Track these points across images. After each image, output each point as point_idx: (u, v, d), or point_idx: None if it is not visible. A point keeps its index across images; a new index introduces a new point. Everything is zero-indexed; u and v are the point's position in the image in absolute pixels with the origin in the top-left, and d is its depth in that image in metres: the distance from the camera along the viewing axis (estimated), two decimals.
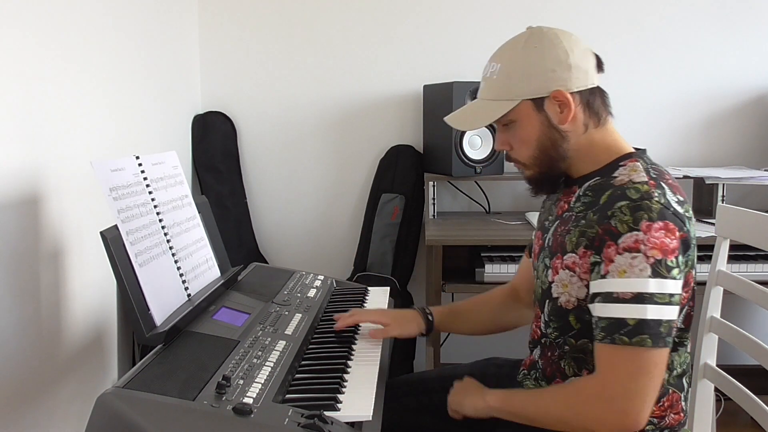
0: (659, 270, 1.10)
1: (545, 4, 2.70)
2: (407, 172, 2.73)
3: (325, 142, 2.82)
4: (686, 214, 1.18)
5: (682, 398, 1.28)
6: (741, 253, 2.27)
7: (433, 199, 2.63)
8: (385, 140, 2.79)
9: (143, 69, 2.13)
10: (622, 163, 1.24)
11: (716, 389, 1.50)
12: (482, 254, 2.37)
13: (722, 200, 2.44)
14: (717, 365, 1.49)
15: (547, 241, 1.32)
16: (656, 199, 1.14)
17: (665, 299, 1.11)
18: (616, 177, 1.22)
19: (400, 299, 2.68)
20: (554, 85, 1.22)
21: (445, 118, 1.37)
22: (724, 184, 2.43)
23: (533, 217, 2.49)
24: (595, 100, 1.26)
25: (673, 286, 1.12)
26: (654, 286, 1.10)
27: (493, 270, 2.27)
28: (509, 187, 2.81)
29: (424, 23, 2.74)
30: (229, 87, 2.79)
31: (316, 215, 2.86)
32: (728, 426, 2.43)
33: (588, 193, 1.25)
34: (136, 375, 1.08)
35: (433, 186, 2.62)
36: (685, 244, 1.14)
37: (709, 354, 1.51)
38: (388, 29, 2.75)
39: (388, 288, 1.84)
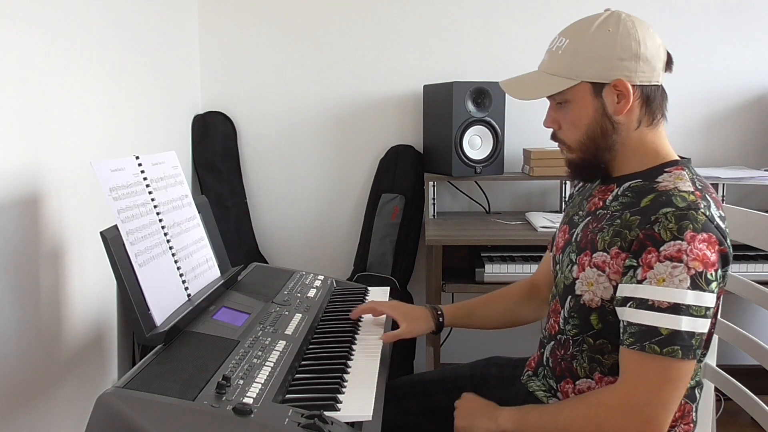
0: (699, 282, 1.09)
1: (545, 5, 2.69)
2: (407, 172, 2.72)
3: (325, 142, 2.82)
4: (726, 230, 1.16)
5: (694, 409, 1.27)
6: (741, 253, 2.27)
7: (433, 199, 2.63)
8: (385, 140, 2.80)
9: (143, 69, 2.13)
10: (667, 170, 1.21)
11: (716, 389, 1.50)
12: (482, 254, 2.38)
13: (722, 200, 2.44)
14: (717, 365, 1.49)
15: (574, 236, 1.29)
16: (702, 210, 1.12)
17: (701, 312, 1.09)
18: (659, 182, 1.19)
19: (400, 299, 2.68)
20: (618, 74, 1.19)
21: (501, 83, 1.33)
22: (724, 184, 2.44)
23: (533, 217, 2.49)
24: (655, 99, 1.23)
25: (710, 300, 1.10)
26: (692, 297, 1.08)
27: (493, 270, 2.27)
28: (509, 187, 2.81)
29: (424, 23, 2.74)
30: (229, 87, 2.79)
31: (316, 215, 2.86)
32: (728, 426, 2.43)
33: (627, 193, 1.22)
34: (136, 375, 1.07)
35: (433, 186, 2.62)
36: (724, 259, 1.13)
37: (709, 354, 1.51)
38: (388, 29, 2.75)
39: (388, 288, 1.84)
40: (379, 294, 1.78)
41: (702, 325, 1.10)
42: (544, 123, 1.31)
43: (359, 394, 1.17)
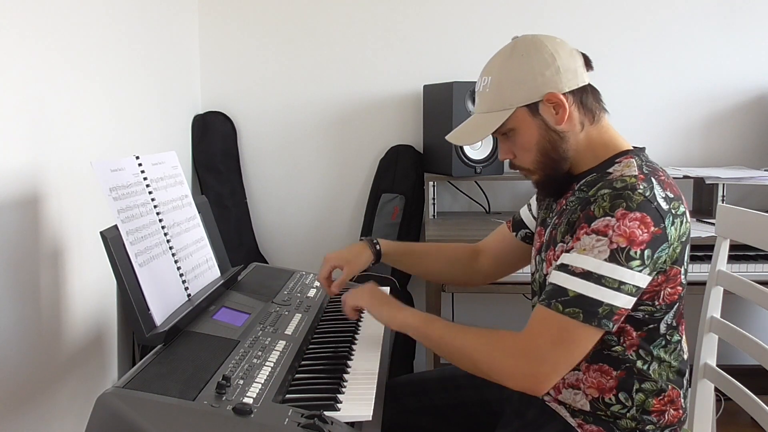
0: (618, 257, 1.12)
1: (545, 4, 2.70)
2: (407, 172, 2.72)
3: (325, 142, 2.82)
4: (672, 210, 1.18)
5: (682, 395, 1.28)
6: (741, 253, 2.27)
7: (433, 199, 2.63)
8: (385, 140, 2.79)
9: (143, 69, 2.13)
10: (617, 160, 1.26)
11: (716, 389, 1.50)
12: None
13: (722, 200, 2.44)
14: (717, 365, 1.49)
15: (546, 236, 1.34)
16: (640, 191, 1.15)
17: (614, 285, 1.13)
18: (611, 173, 1.23)
19: (400, 299, 2.67)
20: (546, 88, 1.24)
21: (447, 137, 1.40)
22: (724, 184, 2.44)
23: None
24: (587, 98, 1.27)
25: (628, 276, 1.13)
26: (606, 269, 1.12)
27: None
28: (509, 187, 2.81)
29: (424, 23, 2.74)
30: (229, 87, 2.79)
31: (316, 215, 2.86)
32: (728, 426, 2.43)
33: (583, 188, 1.27)
34: (136, 375, 1.08)
35: (433, 186, 2.62)
36: (658, 240, 1.15)
37: (709, 354, 1.51)
38: (388, 29, 2.75)
39: (388, 288, 1.83)
40: None
41: (613, 298, 1.13)
42: (500, 157, 1.38)
43: (359, 394, 1.17)
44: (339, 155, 2.83)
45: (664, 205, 1.17)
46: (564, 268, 1.16)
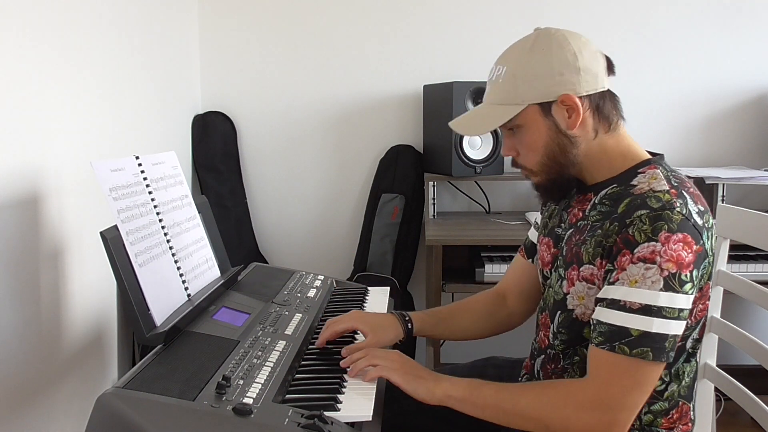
0: (672, 284, 1.07)
1: (546, 4, 2.69)
2: (407, 172, 2.72)
3: (325, 142, 2.82)
4: (705, 224, 1.14)
5: (692, 408, 1.26)
6: (741, 253, 2.27)
7: (433, 199, 2.63)
8: (385, 140, 2.79)
9: (143, 69, 2.13)
10: (640, 171, 1.20)
11: (716, 389, 1.50)
12: (482, 254, 2.38)
13: (722, 200, 2.44)
14: (717, 365, 1.49)
15: (561, 250, 1.28)
16: (678, 209, 1.10)
17: (674, 314, 1.07)
18: (635, 185, 1.17)
19: (400, 299, 2.68)
20: (562, 89, 1.17)
21: (450, 123, 1.32)
22: (724, 184, 2.43)
23: (533, 217, 2.49)
24: (605, 105, 1.21)
25: (684, 301, 1.08)
26: (664, 299, 1.07)
27: (492, 270, 2.27)
28: (509, 187, 2.81)
29: (424, 23, 2.74)
30: (229, 87, 2.79)
31: (316, 215, 2.86)
32: (728, 426, 2.43)
33: (605, 201, 1.20)
34: (136, 375, 1.08)
35: (433, 186, 2.62)
36: (700, 258, 1.11)
37: (709, 354, 1.51)
38: (388, 29, 2.75)
39: (388, 288, 1.83)
40: (378, 294, 1.77)
41: (675, 327, 1.08)
42: (502, 152, 1.30)
43: (359, 394, 1.17)
44: (339, 155, 2.83)
45: (699, 221, 1.12)
46: (616, 304, 1.09)
